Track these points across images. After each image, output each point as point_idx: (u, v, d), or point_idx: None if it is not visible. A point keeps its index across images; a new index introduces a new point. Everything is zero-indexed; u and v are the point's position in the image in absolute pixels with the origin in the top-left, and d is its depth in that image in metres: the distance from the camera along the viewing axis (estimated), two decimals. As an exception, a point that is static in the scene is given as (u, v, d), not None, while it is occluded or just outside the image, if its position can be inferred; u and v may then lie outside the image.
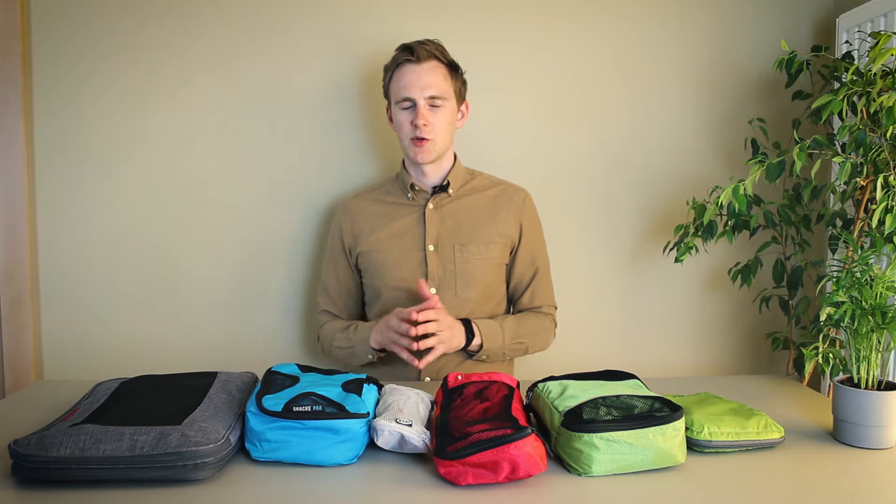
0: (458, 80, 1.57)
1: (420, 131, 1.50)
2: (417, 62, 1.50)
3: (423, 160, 1.54)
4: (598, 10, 1.87)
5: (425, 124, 1.50)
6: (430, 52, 1.51)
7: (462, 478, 0.90)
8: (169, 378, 1.14)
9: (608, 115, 1.90)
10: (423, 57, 1.50)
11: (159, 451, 0.89)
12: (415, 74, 1.50)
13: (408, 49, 1.51)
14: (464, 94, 1.60)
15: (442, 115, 1.53)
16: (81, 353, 1.84)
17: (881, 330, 1.06)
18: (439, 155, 1.56)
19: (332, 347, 1.60)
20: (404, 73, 1.52)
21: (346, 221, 1.63)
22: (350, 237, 1.62)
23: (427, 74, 1.50)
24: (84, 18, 1.77)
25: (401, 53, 1.53)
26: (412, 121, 1.51)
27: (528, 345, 1.58)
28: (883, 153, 1.38)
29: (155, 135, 1.81)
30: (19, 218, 1.77)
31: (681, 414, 0.97)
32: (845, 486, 0.94)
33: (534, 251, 1.64)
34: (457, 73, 1.57)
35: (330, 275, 1.66)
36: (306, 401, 0.98)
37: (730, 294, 1.96)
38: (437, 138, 1.53)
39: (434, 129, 1.52)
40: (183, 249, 1.84)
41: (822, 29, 1.91)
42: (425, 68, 1.50)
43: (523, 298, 1.63)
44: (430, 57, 1.51)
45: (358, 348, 1.52)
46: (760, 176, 1.51)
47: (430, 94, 1.50)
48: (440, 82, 1.52)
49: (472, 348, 1.49)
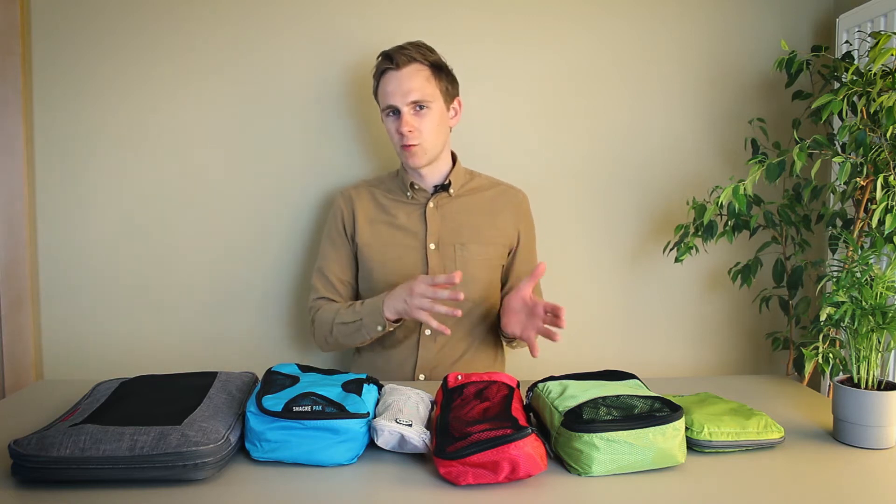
0: (443, 80, 1.55)
1: (406, 138, 1.50)
2: (397, 69, 1.49)
3: (416, 165, 1.54)
4: (598, 10, 1.87)
5: (410, 130, 1.50)
6: (410, 57, 1.50)
7: (462, 478, 0.90)
8: (169, 378, 1.14)
9: (608, 115, 1.90)
10: (403, 63, 1.49)
11: (159, 451, 0.89)
12: (396, 82, 1.49)
13: (387, 57, 1.51)
14: (453, 92, 1.59)
15: (429, 118, 1.52)
16: (81, 353, 1.84)
17: (881, 330, 1.06)
18: (432, 158, 1.55)
19: (332, 326, 1.53)
20: (386, 81, 1.51)
21: (346, 208, 1.62)
22: (350, 225, 1.61)
23: (407, 80, 1.49)
24: (84, 18, 1.77)
25: (382, 61, 1.52)
26: (398, 128, 1.51)
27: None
28: (883, 153, 1.38)
29: (155, 134, 1.81)
30: (19, 218, 1.77)
31: (681, 414, 0.97)
32: (845, 486, 0.94)
33: (531, 253, 1.66)
34: (442, 73, 1.55)
35: (330, 260, 1.62)
36: (306, 401, 0.98)
37: (730, 294, 1.96)
38: (425, 142, 1.52)
39: (421, 134, 1.51)
40: (183, 249, 1.84)
41: (822, 29, 1.91)
42: (405, 74, 1.49)
43: None
44: (410, 61, 1.50)
45: (367, 320, 1.46)
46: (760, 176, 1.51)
47: (413, 99, 1.49)
48: (422, 86, 1.50)
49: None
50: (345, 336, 1.52)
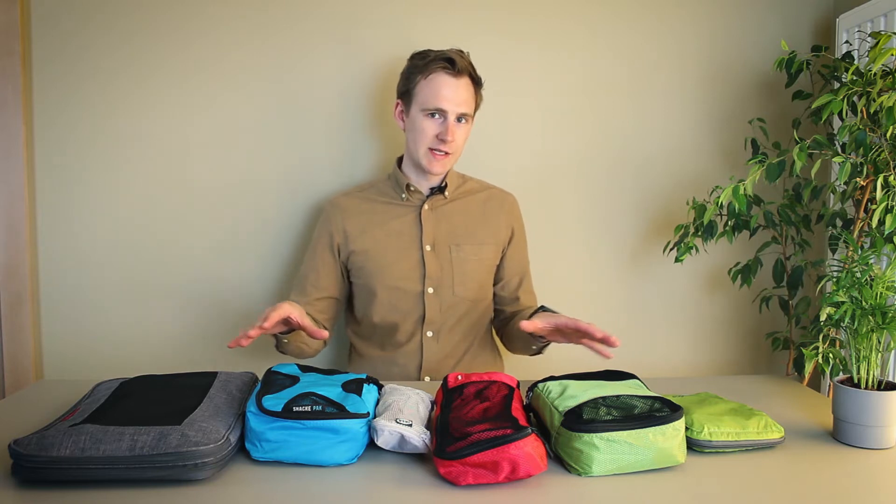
0: (479, 97, 1.56)
1: (445, 145, 1.49)
2: (456, 75, 1.47)
3: (438, 171, 1.54)
4: (599, 11, 1.87)
5: (452, 140, 1.49)
6: (467, 68, 1.49)
7: (462, 478, 0.90)
8: (169, 378, 1.14)
9: (608, 115, 1.90)
10: (463, 71, 1.48)
11: (159, 451, 0.88)
12: (452, 88, 1.47)
13: (448, 60, 1.47)
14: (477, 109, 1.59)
15: (464, 131, 1.52)
16: (81, 353, 1.84)
17: (881, 330, 1.06)
18: (451, 167, 1.57)
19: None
20: (441, 83, 1.47)
21: (335, 218, 1.59)
22: (340, 235, 1.58)
23: (463, 90, 1.49)
24: (84, 18, 1.77)
25: (438, 62, 1.47)
26: (438, 133, 1.49)
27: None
28: (883, 153, 1.38)
29: (155, 134, 1.81)
30: (19, 218, 1.77)
31: (681, 414, 0.97)
32: (845, 486, 0.93)
33: (522, 254, 1.66)
34: (479, 90, 1.56)
35: (309, 268, 1.58)
36: (306, 401, 0.98)
37: (730, 294, 1.96)
38: (455, 153, 1.53)
39: (456, 145, 1.51)
40: (183, 249, 1.84)
41: (822, 29, 1.91)
42: (462, 84, 1.49)
43: (520, 301, 1.63)
44: (466, 72, 1.49)
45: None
46: (760, 176, 1.51)
47: (462, 111, 1.49)
48: (470, 99, 1.51)
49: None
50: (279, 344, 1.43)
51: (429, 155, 1.51)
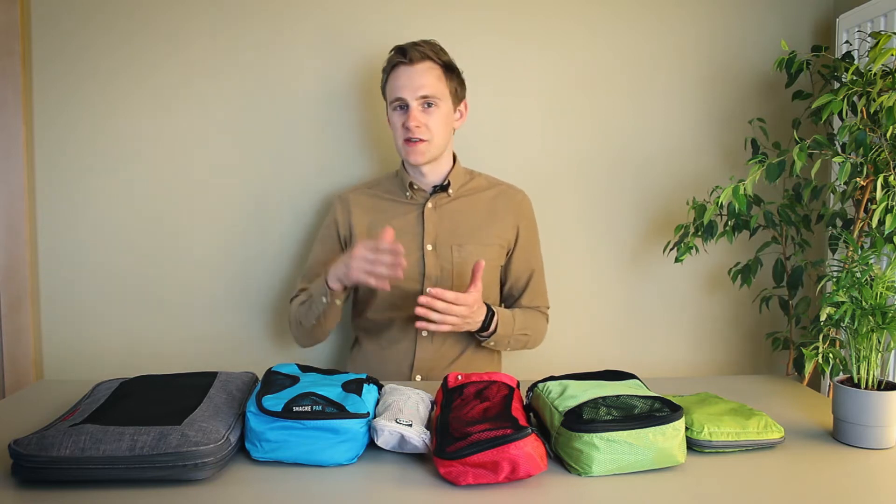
0: (453, 81, 1.56)
1: (412, 132, 1.50)
2: (410, 64, 1.50)
3: (416, 161, 1.54)
4: (599, 11, 1.87)
5: (417, 126, 1.50)
6: (424, 54, 1.51)
7: (462, 478, 0.90)
8: (169, 378, 1.14)
9: (608, 115, 1.90)
10: (416, 58, 1.50)
11: (159, 451, 0.88)
12: (407, 76, 1.50)
13: (401, 51, 1.51)
14: (461, 94, 1.59)
15: (436, 116, 1.52)
16: (81, 353, 1.84)
17: (881, 330, 1.06)
18: (434, 156, 1.55)
19: (295, 309, 1.56)
20: (398, 74, 1.51)
21: (342, 213, 1.62)
22: (346, 229, 1.61)
23: (419, 76, 1.50)
24: (84, 18, 1.77)
25: (394, 55, 1.53)
26: (404, 122, 1.51)
27: (529, 339, 1.59)
28: (883, 153, 1.38)
29: (155, 134, 1.81)
30: (19, 218, 1.77)
31: (681, 414, 0.97)
32: (845, 486, 0.93)
33: (530, 253, 1.65)
34: (452, 74, 1.56)
35: (317, 259, 1.63)
36: (306, 401, 0.98)
37: (730, 294, 1.96)
38: (431, 139, 1.52)
39: (428, 130, 1.51)
40: (183, 249, 1.84)
41: (822, 29, 1.91)
42: (418, 70, 1.50)
43: (521, 300, 1.63)
44: (424, 58, 1.51)
45: (315, 292, 1.48)
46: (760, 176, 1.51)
47: (423, 94, 1.50)
48: (433, 83, 1.51)
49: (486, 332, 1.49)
50: (303, 316, 1.53)
51: (405, 147, 1.53)
